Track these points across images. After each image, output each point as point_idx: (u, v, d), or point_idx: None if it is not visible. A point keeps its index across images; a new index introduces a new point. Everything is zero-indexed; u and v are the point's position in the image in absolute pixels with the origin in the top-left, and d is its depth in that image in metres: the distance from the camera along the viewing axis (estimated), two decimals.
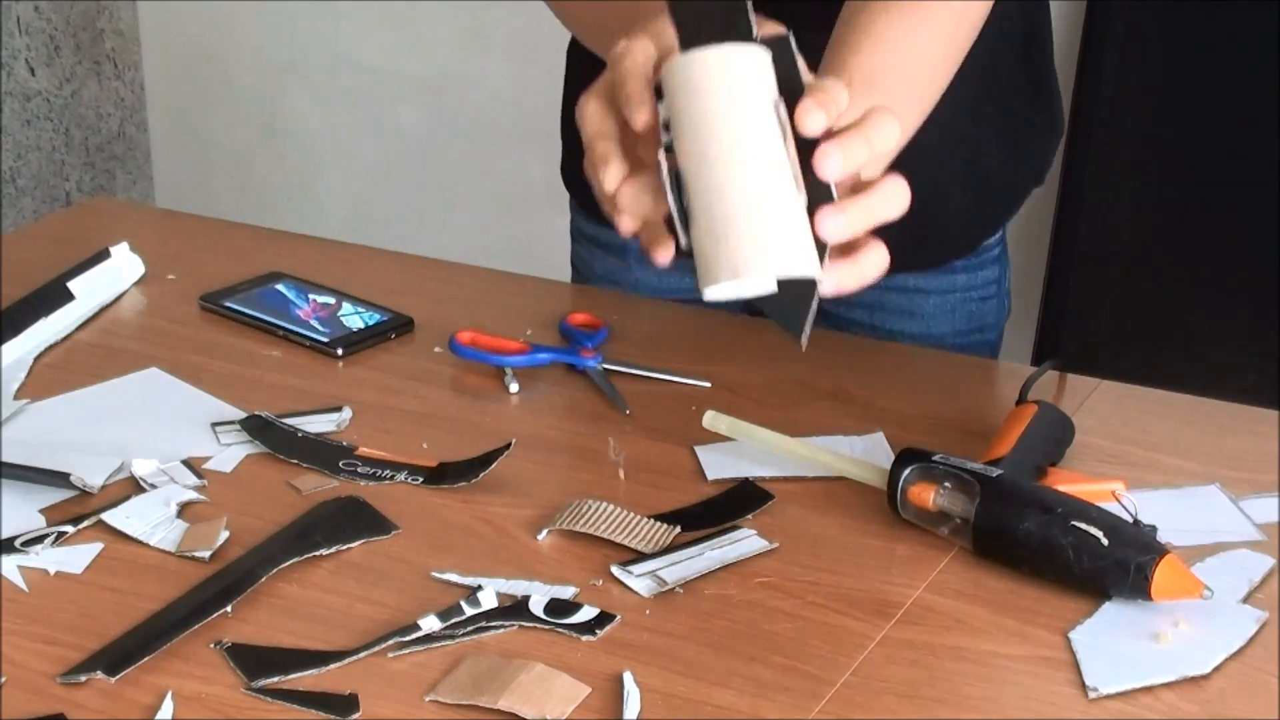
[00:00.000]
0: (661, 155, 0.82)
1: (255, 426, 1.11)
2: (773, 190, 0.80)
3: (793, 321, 0.84)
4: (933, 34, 1.03)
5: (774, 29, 0.86)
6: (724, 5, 0.83)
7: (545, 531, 1.00)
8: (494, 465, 1.05)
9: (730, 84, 0.81)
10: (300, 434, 1.11)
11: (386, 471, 1.06)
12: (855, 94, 0.89)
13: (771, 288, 0.82)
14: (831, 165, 0.82)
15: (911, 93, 1.00)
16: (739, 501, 1.04)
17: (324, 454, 1.08)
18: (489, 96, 2.64)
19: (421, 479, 1.06)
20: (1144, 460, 1.10)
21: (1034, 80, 1.34)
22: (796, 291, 0.83)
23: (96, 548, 0.99)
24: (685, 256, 0.83)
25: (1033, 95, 1.34)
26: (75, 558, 0.98)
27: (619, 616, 0.92)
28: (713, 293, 0.81)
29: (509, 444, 1.06)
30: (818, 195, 0.82)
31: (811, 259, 0.81)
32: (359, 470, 1.06)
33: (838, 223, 0.82)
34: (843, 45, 1.00)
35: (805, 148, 0.82)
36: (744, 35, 0.83)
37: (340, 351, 1.23)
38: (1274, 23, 2.07)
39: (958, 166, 1.29)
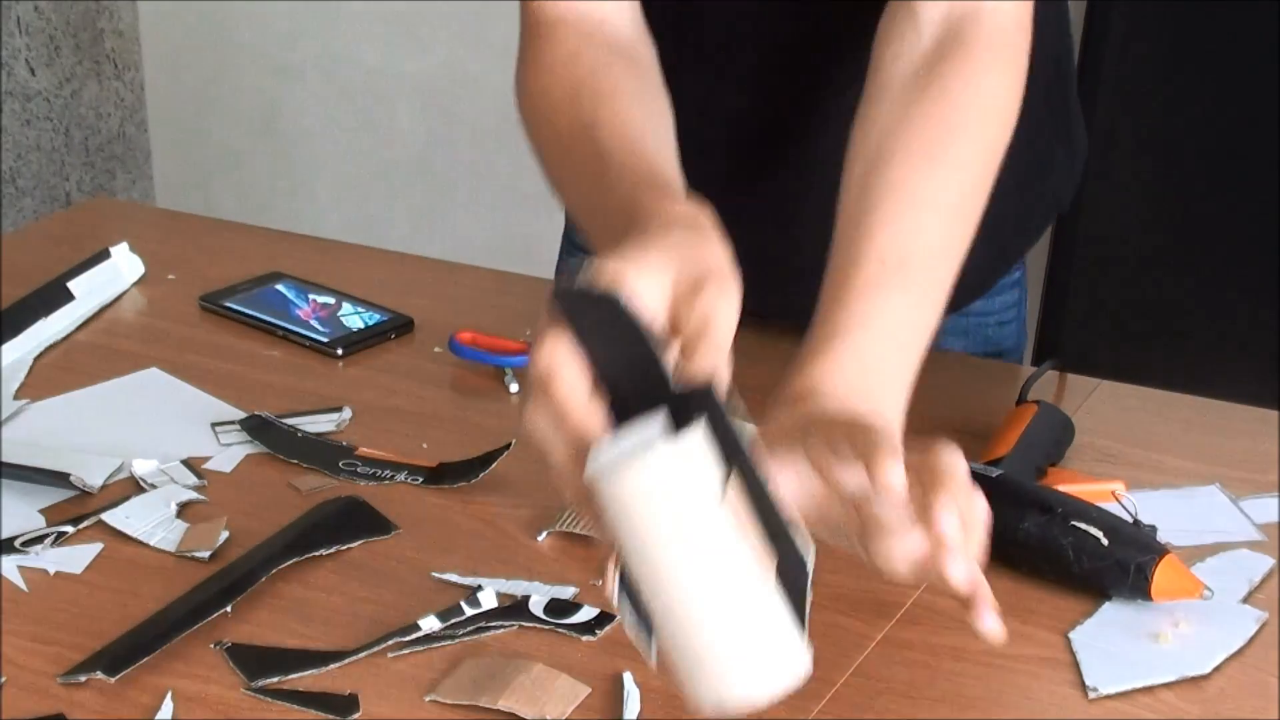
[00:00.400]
0: (610, 564, 0.69)
1: (255, 426, 1.11)
2: (739, 603, 0.67)
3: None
4: (960, 173, 0.92)
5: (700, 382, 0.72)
6: (620, 327, 0.71)
7: (545, 533, 1.00)
8: (494, 465, 1.05)
9: (662, 499, 0.67)
10: (300, 434, 1.11)
11: (386, 471, 1.06)
12: (890, 278, 0.86)
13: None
14: (958, 573, 0.72)
15: (948, 256, 0.91)
16: None
17: (324, 454, 1.08)
18: (489, 96, 2.63)
19: (421, 479, 1.06)
20: (1144, 460, 1.10)
21: (1056, 113, 1.30)
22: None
23: (96, 548, 0.99)
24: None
25: (1054, 129, 1.29)
26: (75, 558, 0.97)
27: (619, 617, 0.92)
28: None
29: (509, 444, 1.06)
30: (788, 558, 0.70)
31: (799, 657, 0.68)
32: (359, 470, 1.06)
33: (963, 571, 0.72)
34: (863, 218, 0.90)
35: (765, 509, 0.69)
36: (659, 383, 0.70)
37: (340, 351, 1.23)
38: (1274, 23, 2.07)
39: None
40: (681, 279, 0.75)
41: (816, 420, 0.81)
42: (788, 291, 1.17)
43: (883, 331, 0.87)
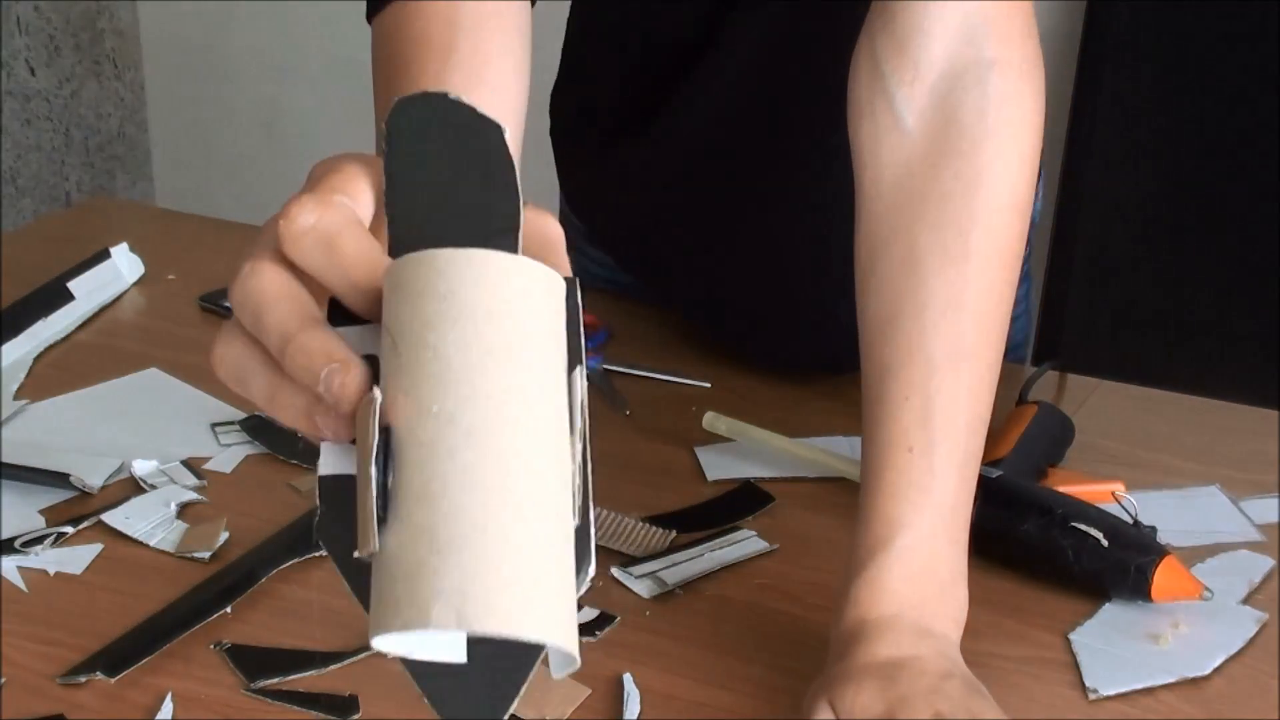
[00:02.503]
0: (375, 403, 0.50)
1: (255, 426, 1.11)
2: (548, 501, 0.49)
3: (481, 709, 0.53)
4: (981, 292, 0.84)
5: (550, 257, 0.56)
6: (479, 168, 0.53)
7: None
8: None
9: (515, 311, 0.49)
10: (300, 434, 1.10)
11: None
12: (918, 462, 0.81)
13: (455, 654, 0.53)
14: None
15: (980, 398, 0.86)
16: (739, 502, 1.04)
17: None
18: None
19: None
20: (1144, 460, 1.10)
21: None
22: (495, 674, 0.53)
23: (96, 548, 0.99)
24: (332, 543, 0.54)
25: None
26: (75, 558, 0.97)
27: (619, 618, 0.92)
28: (390, 642, 0.51)
29: None
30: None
31: (573, 625, 0.52)
32: None
33: None
34: (885, 386, 0.84)
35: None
36: (508, 239, 0.53)
37: None
38: (1274, 23, 2.07)
39: None
40: None
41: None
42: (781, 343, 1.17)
43: (922, 533, 0.82)
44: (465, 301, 0.48)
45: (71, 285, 1.29)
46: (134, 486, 1.05)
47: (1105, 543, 0.93)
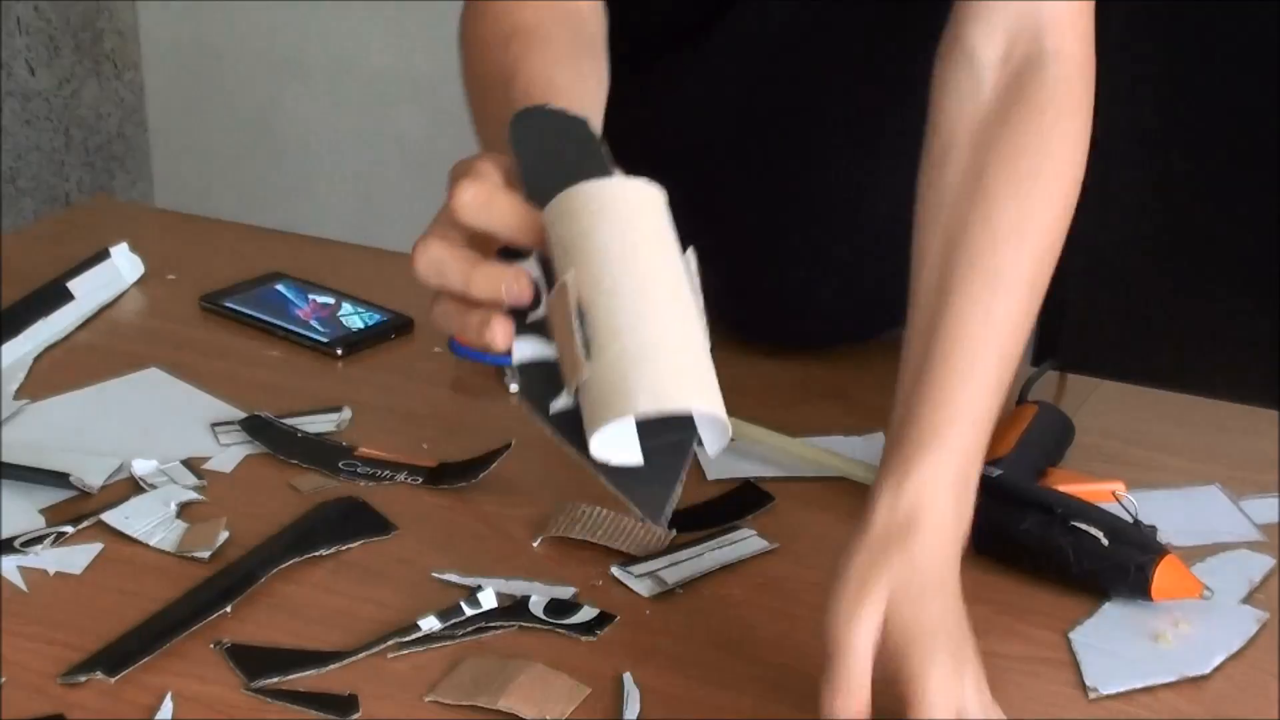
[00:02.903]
0: (569, 285, 0.72)
1: (255, 426, 1.11)
2: (695, 327, 0.72)
3: (654, 502, 0.74)
4: (1037, 243, 0.92)
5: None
6: (579, 144, 0.77)
7: (540, 539, 0.99)
8: (494, 465, 1.05)
9: (646, 215, 0.74)
10: (300, 434, 1.11)
11: (386, 471, 1.06)
12: (963, 381, 0.86)
13: (634, 457, 0.73)
14: None
15: (1021, 331, 0.91)
16: (739, 502, 1.04)
17: (323, 454, 1.08)
18: None
19: (421, 479, 1.06)
20: (1144, 460, 1.10)
21: None
22: (663, 468, 0.74)
23: (96, 548, 0.99)
24: (535, 398, 0.74)
25: None
26: (75, 558, 0.97)
27: (619, 617, 0.92)
28: (609, 433, 0.71)
29: (509, 444, 1.06)
30: None
31: (721, 407, 0.72)
32: (358, 470, 1.06)
33: None
34: (943, 301, 0.89)
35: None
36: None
37: (340, 351, 1.23)
38: (1274, 22, 2.07)
39: None
40: None
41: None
42: (799, 319, 1.18)
43: (969, 442, 0.86)
44: (607, 210, 0.72)
45: (71, 285, 1.29)
46: (134, 486, 1.05)
47: (1105, 542, 0.93)
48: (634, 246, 0.72)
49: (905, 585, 0.80)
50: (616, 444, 0.72)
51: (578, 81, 0.93)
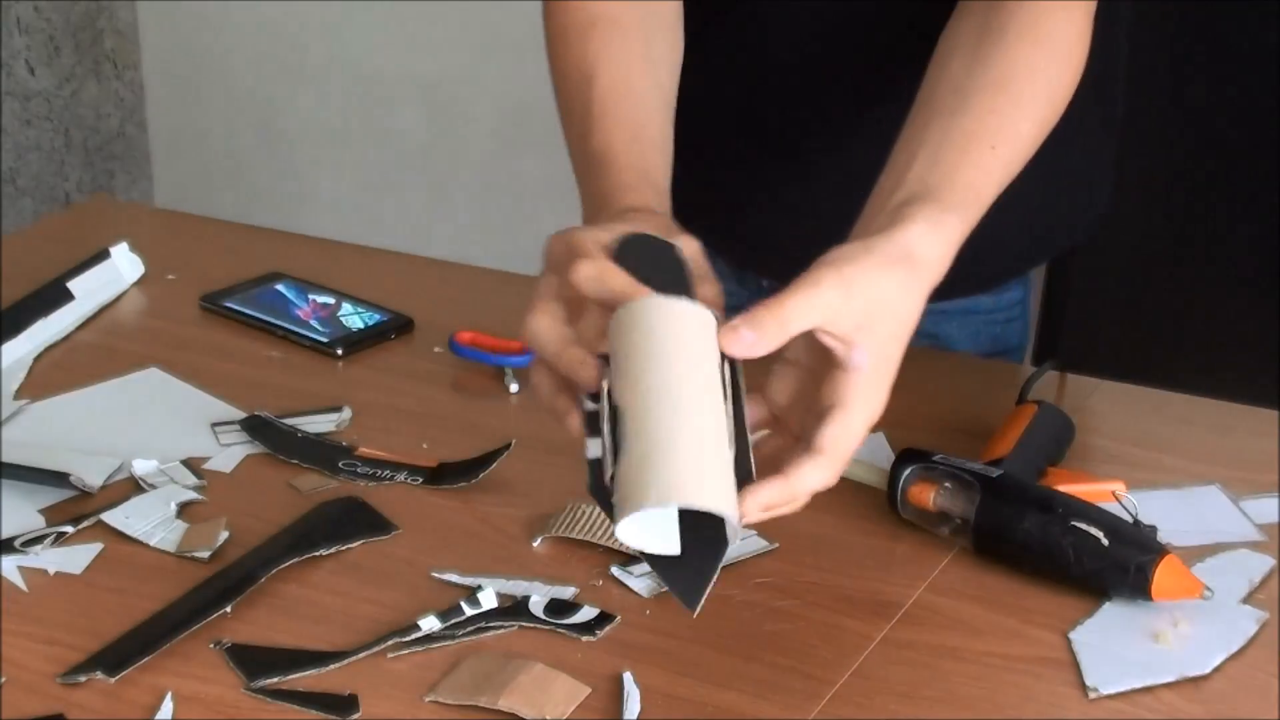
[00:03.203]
0: (608, 391, 0.81)
1: (255, 426, 1.11)
2: (712, 435, 0.79)
3: (691, 591, 0.80)
4: (1034, 111, 0.98)
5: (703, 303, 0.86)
6: (668, 264, 0.88)
7: (540, 539, 0.99)
8: (494, 465, 1.05)
9: (687, 333, 0.81)
10: (300, 434, 1.11)
11: (386, 471, 1.06)
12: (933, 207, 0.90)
13: (673, 548, 0.81)
14: (753, 513, 0.82)
15: (981, 198, 0.96)
16: None
17: (324, 454, 1.08)
18: (489, 97, 2.63)
19: (421, 479, 1.06)
20: (1144, 460, 1.10)
21: (1106, 121, 1.29)
22: (700, 560, 0.81)
23: (96, 548, 0.99)
24: (599, 493, 0.80)
25: (1103, 137, 1.29)
26: (75, 558, 0.97)
27: (619, 616, 0.92)
28: (631, 524, 0.77)
29: (509, 444, 1.06)
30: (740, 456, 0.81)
31: (734, 506, 0.78)
32: (359, 470, 1.06)
33: (759, 504, 0.81)
34: (915, 143, 0.94)
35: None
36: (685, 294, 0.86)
37: (340, 351, 1.23)
38: (1275, 22, 2.07)
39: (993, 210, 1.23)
40: (656, 230, 0.91)
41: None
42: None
43: (969, 217, 0.93)
44: (656, 326, 0.81)
45: (71, 285, 1.29)
46: (134, 486, 1.05)
47: (1105, 542, 0.93)
48: (670, 359, 0.80)
49: (882, 302, 0.85)
50: (649, 535, 0.80)
51: (650, 74, 1.05)
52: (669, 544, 0.81)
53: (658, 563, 0.81)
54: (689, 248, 0.91)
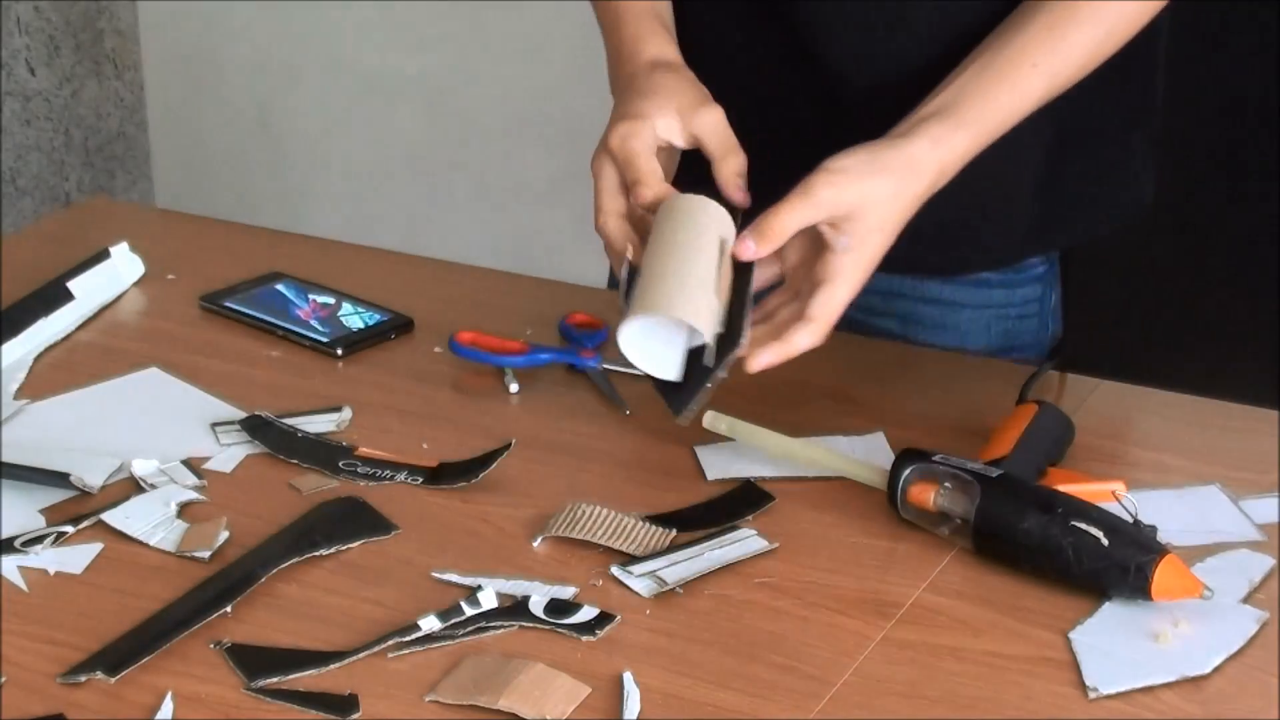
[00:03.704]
0: (632, 254, 1.07)
1: (255, 426, 1.11)
2: (696, 278, 1.02)
3: (679, 402, 1.03)
4: (1074, 53, 1.11)
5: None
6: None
7: (540, 539, 0.99)
8: (494, 465, 1.05)
9: (695, 216, 1.05)
10: (300, 434, 1.11)
11: (386, 471, 1.06)
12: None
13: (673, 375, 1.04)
14: (755, 366, 1.03)
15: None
16: (739, 502, 1.04)
17: (323, 454, 1.08)
18: (489, 96, 2.63)
19: (421, 479, 1.06)
20: (1144, 460, 1.10)
21: (1134, 109, 1.29)
22: (691, 386, 1.03)
23: (96, 548, 0.99)
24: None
25: (1128, 124, 1.29)
26: (75, 558, 0.97)
27: (619, 616, 0.92)
28: (630, 339, 1.01)
29: (509, 444, 1.06)
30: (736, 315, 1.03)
31: (712, 329, 1.01)
32: (359, 470, 1.06)
33: (760, 362, 1.03)
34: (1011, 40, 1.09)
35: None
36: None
37: (340, 351, 1.23)
38: (1274, 22, 2.07)
39: (1008, 180, 1.24)
40: (683, 110, 1.10)
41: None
42: None
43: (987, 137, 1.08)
44: (676, 212, 1.05)
45: (71, 285, 1.29)
46: (134, 486, 1.05)
47: (1105, 541, 0.93)
48: (676, 231, 1.04)
49: (870, 199, 1.03)
50: (653, 360, 1.03)
51: None
52: (670, 372, 1.03)
53: (658, 383, 1.04)
54: (713, 116, 1.10)
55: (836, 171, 1.03)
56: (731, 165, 1.09)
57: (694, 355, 1.03)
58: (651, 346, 1.03)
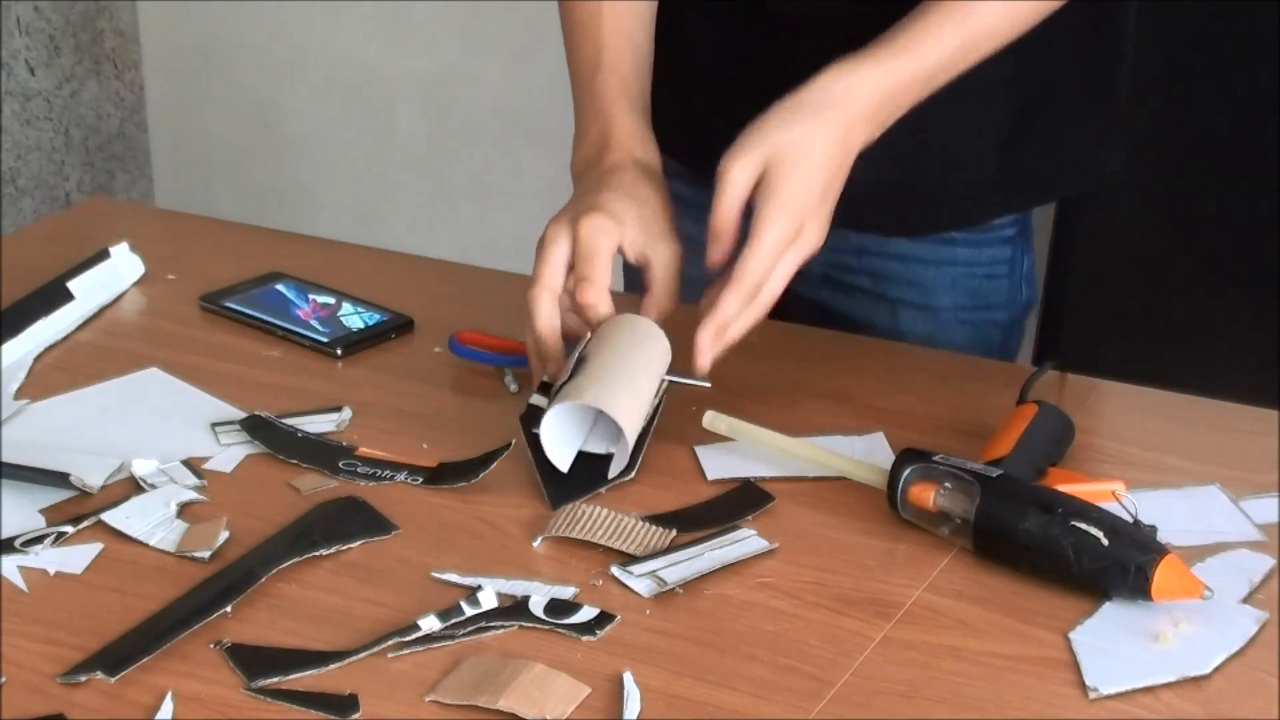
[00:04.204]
0: (584, 345, 1.08)
1: (254, 426, 1.11)
2: (638, 386, 1.06)
3: (559, 494, 1.03)
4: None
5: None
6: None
7: (540, 539, 0.99)
8: (494, 465, 1.05)
9: (642, 335, 1.09)
10: (300, 434, 1.11)
11: (386, 471, 1.06)
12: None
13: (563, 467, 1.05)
14: (702, 358, 1.06)
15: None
16: (739, 502, 1.04)
17: (323, 454, 1.08)
18: (489, 96, 2.63)
19: (421, 479, 1.06)
20: (1144, 460, 1.10)
21: (1099, 75, 1.31)
22: (578, 487, 1.04)
23: (96, 548, 0.99)
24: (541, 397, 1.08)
25: (1092, 89, 1.32)
26: (75, 558, 0.97)
27: (619, 616, 0.92)
28: (556, 420, 1.03)
29: (509, 444, 1.06)
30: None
31: (633, 434, 1.04)
32: (359, 470, 1.06)
33: (703, 342, 1.06)
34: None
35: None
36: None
37: (340, 351, 1.23)
38: (1274, 22, 2.07)
39: (973, 143, 1.28)
40: (651, 233, 1.11)
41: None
42: None
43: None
44: (620, 324, 1.09)
45: (71, 285, 1.29)
46: (134, 486, 1.05)
47: (1105, 542, 0.93)
48: (619, 338, 1.07)
49: (789, 143, 1.05)
50: (556, 439, 1.04)
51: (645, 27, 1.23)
52: (561, 464, 1.04)
53: (542, 468, 1.04)
54: (671, 252, 1.12)
55: (748, 132, 1.05)
56: (662, 306, 1.11)
57: (581, 456, 1.05)
58: (562, 433, 1.04)
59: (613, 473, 1.04)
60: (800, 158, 1.05)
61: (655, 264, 1.11)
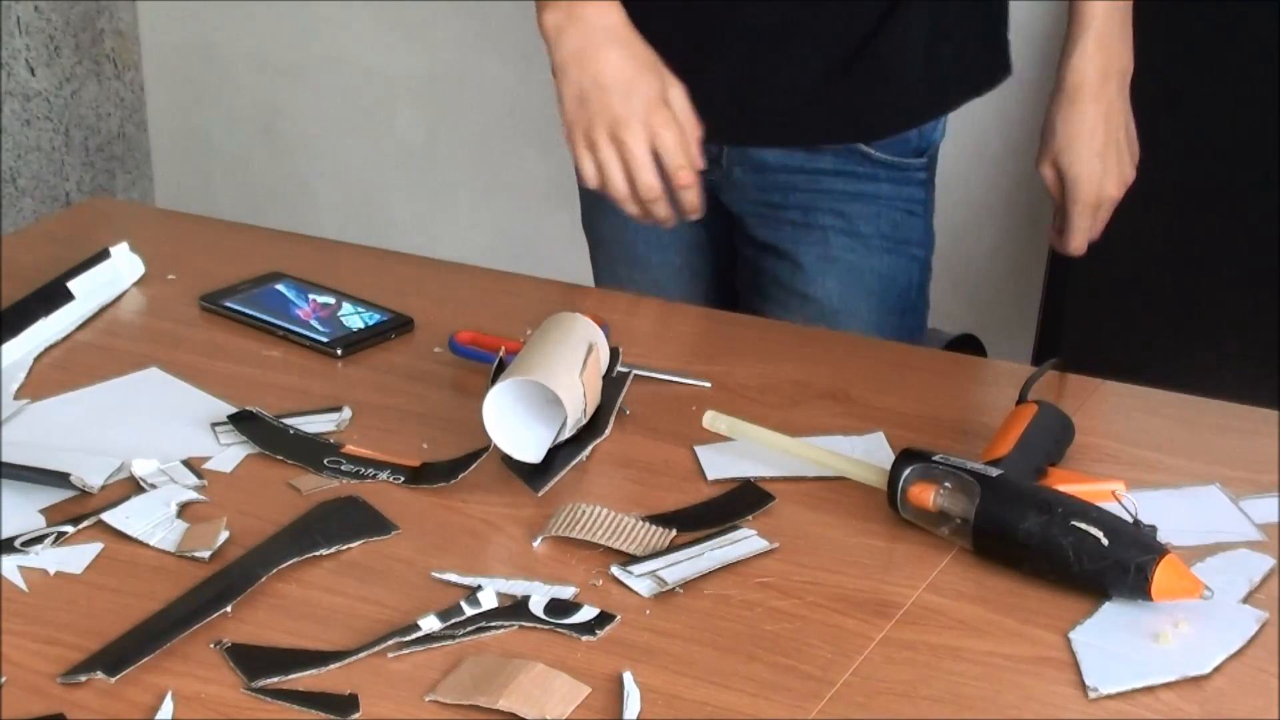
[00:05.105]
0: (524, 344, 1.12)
1: (243, 420, 1.11)
2: (569, 366, 1.08)
3: (538, 480, 1.04)
4: None
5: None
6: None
7: (540, 539, 0.99)
8: (475, 465, 1.05)
9: (571, 324, 1.13)
10: (291, 431, 1.11)
11: (370, 470, 1.06)
12: None
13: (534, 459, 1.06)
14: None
15: None
16: (739, 502, 1.04)
17: (309, 450, 1.08)
18: (489, 96, 2.63)
19: (403, 478, 1.06)
20: (1144, 460, 1.10)
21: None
22: (554, 467, 1.05)
23: (96, 548, 0.99)
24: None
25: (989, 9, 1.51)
26: (75, 558, 0.97)
27: (619, 616, 0.92)
28: (494, 405, 1.05)
29: (488, 446, 1.06)
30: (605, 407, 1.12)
31: (575, 407, 1.05)
32: (342, 468, 1.06)
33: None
34: None
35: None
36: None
37: (340, 351, 1.23)
38: (1274, 22, 2.07)
39: (901, 57, 1.42)
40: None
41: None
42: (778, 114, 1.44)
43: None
44: (561, 320, 1.14)
45: (71, 285, 1.29)
46: (134, 486, 1.05)
47: (1105, 542, 0.93)
48: (549, 332, 1.12)
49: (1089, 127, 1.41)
50: (510, 437, 1.06)
51: None
52: (531, 456, 1.05)
53: (514, 464, 1.05)
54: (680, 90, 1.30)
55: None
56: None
57: (555, 448, 1.06)
58: (514, 429, 1.06)
59: (569, 430, 1.06)
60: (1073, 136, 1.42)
61: (678, 106, 1.29)
